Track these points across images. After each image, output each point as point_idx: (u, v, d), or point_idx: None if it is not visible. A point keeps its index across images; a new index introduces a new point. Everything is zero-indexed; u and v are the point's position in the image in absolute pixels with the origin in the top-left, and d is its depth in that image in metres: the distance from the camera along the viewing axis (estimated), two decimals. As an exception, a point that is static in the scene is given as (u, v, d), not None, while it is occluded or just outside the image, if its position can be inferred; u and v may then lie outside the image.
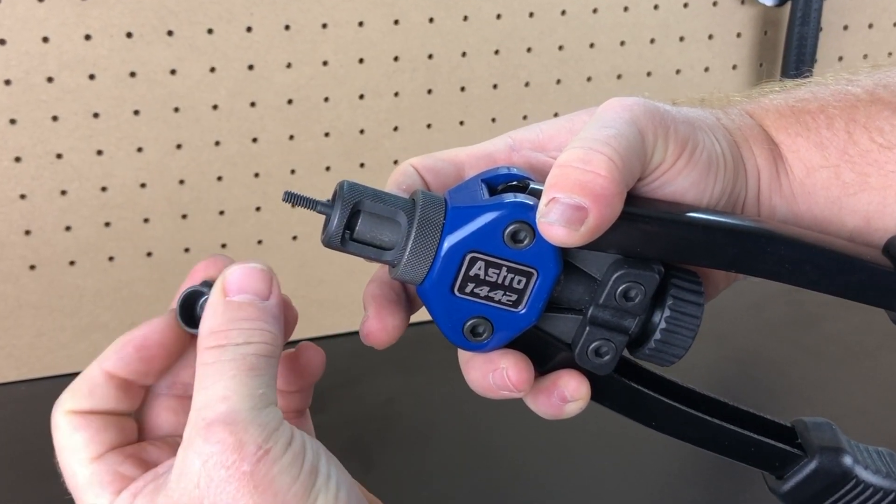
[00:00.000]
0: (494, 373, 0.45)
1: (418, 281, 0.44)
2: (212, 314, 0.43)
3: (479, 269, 0.43)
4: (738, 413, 0.50)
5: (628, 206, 0.43)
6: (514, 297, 0.44)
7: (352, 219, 0.44)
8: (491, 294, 0.44)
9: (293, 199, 0.44)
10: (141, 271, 1.05)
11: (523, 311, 0.44)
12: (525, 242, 0.43)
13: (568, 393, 0.46)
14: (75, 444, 0.44)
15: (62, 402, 0.45)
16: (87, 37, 0.95)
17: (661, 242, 0.44)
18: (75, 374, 0.45)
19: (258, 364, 0.41)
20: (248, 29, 1.01)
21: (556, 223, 0.41)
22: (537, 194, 0.43)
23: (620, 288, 0.44)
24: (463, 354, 0.47)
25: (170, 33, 0.98)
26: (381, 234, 0.44)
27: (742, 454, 0.49)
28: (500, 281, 0.44)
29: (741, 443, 0.49)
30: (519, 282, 0.44)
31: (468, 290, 0.44)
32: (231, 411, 0.40)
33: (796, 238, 0.45)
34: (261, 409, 0.41)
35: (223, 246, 1.07)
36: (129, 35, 0.97)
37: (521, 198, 0.43)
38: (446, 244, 0.43)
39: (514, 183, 0.46)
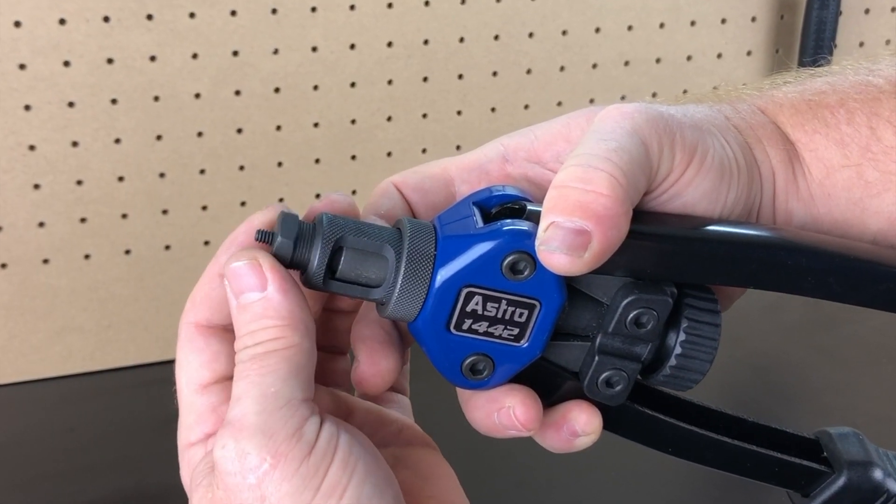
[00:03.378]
0: (500, 412, 0.44)
1: (410, 319, 0.43)
2: (233, 318, 0.43)
3: (477, 303, 0.42)
4: (758, 430, 0.49)
5: (635, 225, 0.42)
6: (516, 331, 0.43)
7: (334, 256, 0.42)
8: (490, 329, 0.43)
9: (266, 236, 0.43)
10: (119, 270, 1.05)
11: (526, 346, 0.43)
12: (525, 273, 0.42)
13: (579, 427, 0.46)
14: (189, 366, 0.44)
15: (185, 313, 0.45)
16: (62, 21, 0.95)
17: (673, 263, 0.43)
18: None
19: (266, 361, 0.41)
20: (233, 13, 1.01)
21: (557, 251, 0.40)
22: (536, 218, 0.42)
23: (631, 315, 0.43)
24: (463, 393, 0.46)
25: (149, 17, 0.98)
26: (367, 272, 0.43)
27: (765, 475, 0.48)
28: (499, 315, 0.43)
29: (764, 463, 0.48)
30: (520, 315, 0.43)
31: (465, 326, 0.43)
32: (239, 416, 0.40)
33: (818, 247, 0.45)
34: (272, 411, 0.40)
35: (206, 243, 1.07)
36: (106, 19, 0.97)
37: (519, 224, 0.42)
38: (439, 278, 0.42)
39: (509, 204, 0.45)
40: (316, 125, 1.08)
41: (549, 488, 0.89)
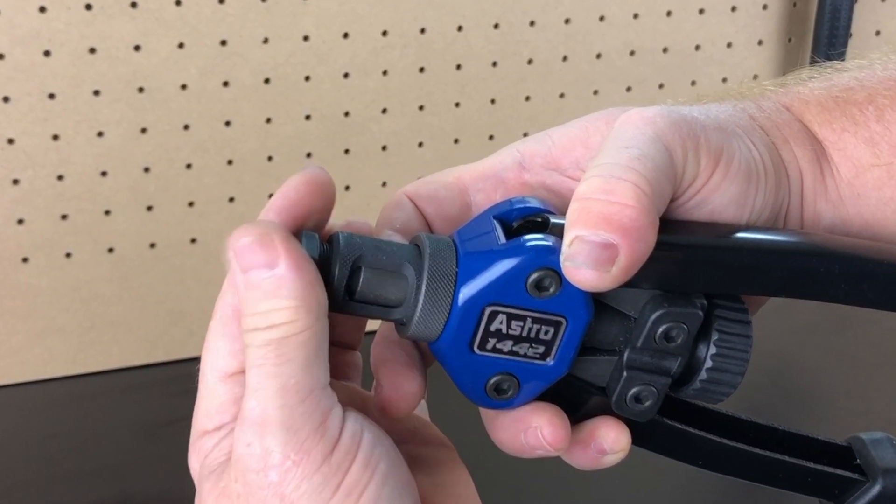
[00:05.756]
0: (527, 432, 0.44)
1: (432, 339, 0.43)
2: (237, 294, 0.42)
3: (501, 322, 0.42)
4: (789, 439, 0.49)
5: (662, 235, 0.42)
6: (542, 349, 0.43)
7: (352, 277, 0.42)
8: (515, 348, 0.43)
9: None
10: (101, 269, 1.05)
11: (552, 363, 0.43)
12: (551, 290, 0.42)
13: (607, 445, 0.46)
14: (217, 351, 0.44)
15: (222, 294, 0.44)
16: (42, 9, 0.95)
17: (703, 274, 0.43)
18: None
19: (283, 349, 0.40)
20: (221, 0, 1.01)
21: (583, 266, 0.40)
22: (560, 231, 0.42)
23: (660, 329, 0.43)
24: (487, 413, 0.46)
25: (133, 5, 0.98)
26: (387, 291, 0.42)
27: (798, 485, 0.48)
28: (524, 333, 0.43)
29: (797, 473, 0.48)
30: (546, 332, 0.43)
31: (489, 346, 0.43)
32: (259, 409, 0.40)
33: (851, 252, 0.45)
34: (294, 404, 0.40)
35: (193, 241, 1.07)
36: (88, 7, 0.96)
37: (543, 239, 0.42)
38: (462, 297, 0.42)
39: (532, 217, 0.44)
40: (308, 118, 1.08)
41: (551, 496, 0.89)
